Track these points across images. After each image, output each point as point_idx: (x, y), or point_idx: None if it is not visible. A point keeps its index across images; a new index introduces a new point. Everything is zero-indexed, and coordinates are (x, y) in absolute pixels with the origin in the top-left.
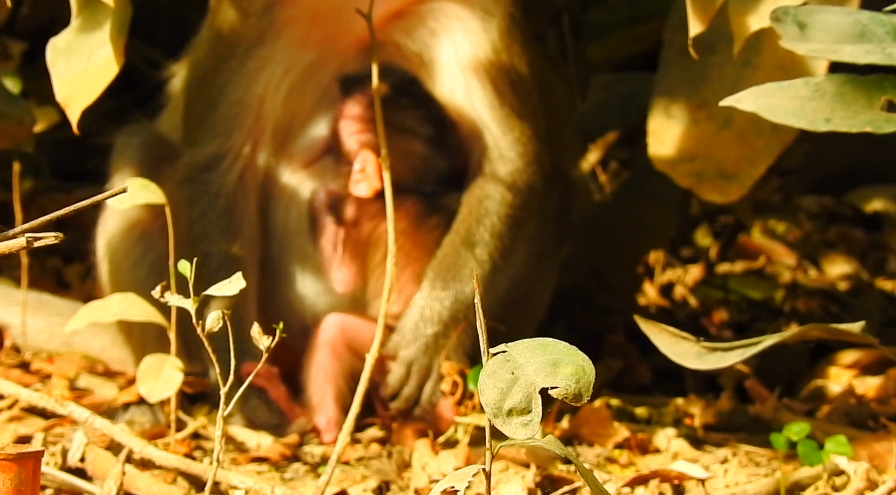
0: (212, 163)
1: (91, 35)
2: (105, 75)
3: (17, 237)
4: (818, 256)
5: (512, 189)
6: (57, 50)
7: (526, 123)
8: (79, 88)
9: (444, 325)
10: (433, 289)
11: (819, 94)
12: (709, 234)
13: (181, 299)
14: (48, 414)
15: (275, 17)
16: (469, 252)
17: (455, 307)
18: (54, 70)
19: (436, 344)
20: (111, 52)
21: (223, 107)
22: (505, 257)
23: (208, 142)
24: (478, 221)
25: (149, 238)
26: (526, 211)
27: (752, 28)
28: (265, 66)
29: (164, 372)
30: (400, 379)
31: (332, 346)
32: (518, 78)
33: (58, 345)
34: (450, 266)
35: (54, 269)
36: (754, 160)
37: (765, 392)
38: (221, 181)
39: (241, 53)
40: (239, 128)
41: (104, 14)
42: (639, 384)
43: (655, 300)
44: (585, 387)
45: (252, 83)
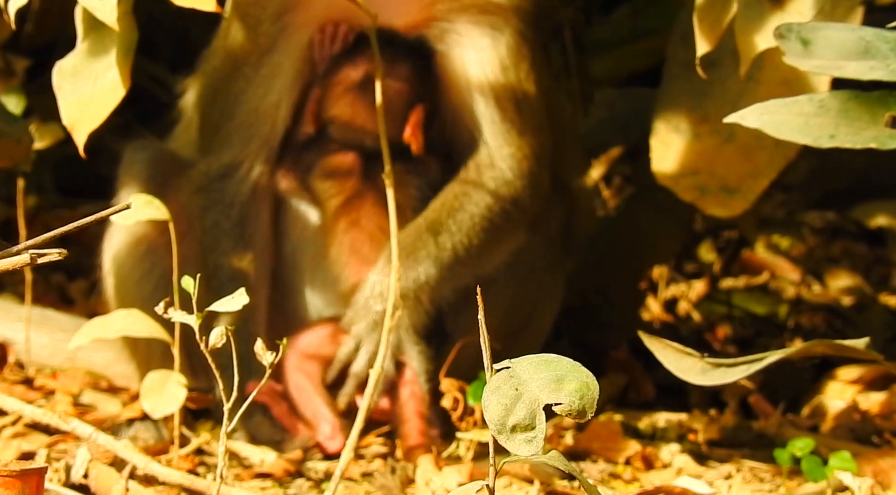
0: (227, 172)
1: (97, 58)
2: (111, 99)
3: (21, 253)
4: (822, 271)
5: (494, 195)
6: (63, 73)
7: (526, 140)
8: (85, 112)
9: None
10: (386, 266)
11: (823, 110)
12: (712, 249)
13: (185, 315)
14: (52, 430)
15: (286, 22)
16: (431, 237)
17: (405, 285)
18: (60, 93)
19: (380, 322)
20: (117, 75)
21: (239, 115)
22: (471, 253)
23: (224, 152)
24: (448, 214)
25: (155, 253)
26: (507, 221)
27: (759, 48)
28: (279, 74)
29: (167, 388)
30: (348, 354)
31: (298, 365)
32: (524, 95)
33: (62, 361)
34: (406, 246)
35: (58, 285)
36: (757, 175)
37: (769, 407)
38: (236, 190)
39: (254, 61)
40: (255, 137)
41: (110, 38)
42: (642, 399)
43: (659, 315)
44: (589, 404)
45: (267, 92)
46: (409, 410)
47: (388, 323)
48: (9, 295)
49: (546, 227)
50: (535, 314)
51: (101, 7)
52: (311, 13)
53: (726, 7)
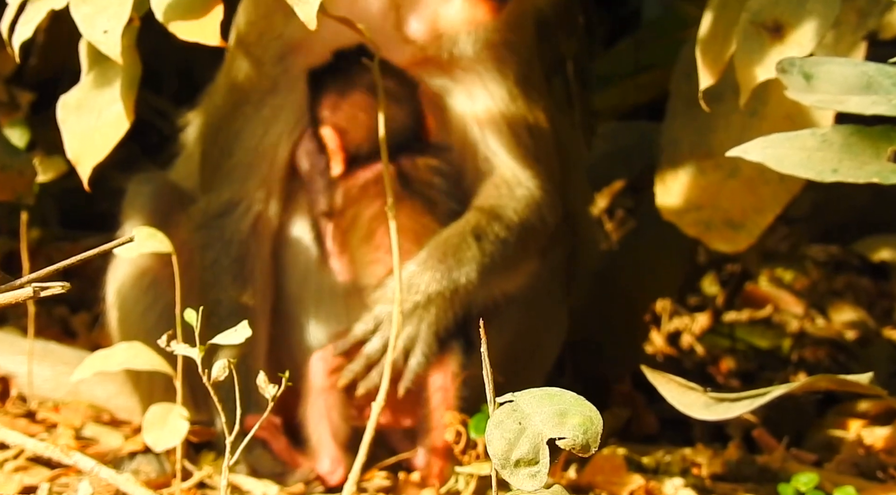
0: (226, 209)
1: (101, 92)
2: (115, 132)
3: (24, 287)
4: (825, 305)
5: (524, 211)
6: (67, 107)
7: (542, 165)
8: (89, 145)
9: (427, 297)
10: (429, 259)
11: (826, 144)
12: (716, 283)
13: (187, 348)
14: (54, 463)
15: (288, 65)
16: (475, 241)
17: (443, 284)
18: (65, 127)
19: (414, 313)
20: (121, 108)
21: (238, 154)
22: (506, 265)
23: (223, 189)
24: (488, 221)
25: (158, 286)
26: (534, 238)
27: (758, 79)
28: (279, 115)
29: (170, 421)
30: (365, 333)
31: (320, 385)
32: (535, 122)
33: (64, 394)
34: (451, 245)
35: (61, 318)
36: (762, 209)
37: (773, 441)
38: (235, 227)
39: (255, 101)
40: (253, 176)
41: (114, 71)
42: (645, 433)
43: (662, 348)
44: (593, 438)
45: (267, 131)
46: (439, 418)
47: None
48: (11, 328)
49: (552, 258)
50: (539, 347)
51: (106, 41)
52: (313, 55)
53: (728, 41)
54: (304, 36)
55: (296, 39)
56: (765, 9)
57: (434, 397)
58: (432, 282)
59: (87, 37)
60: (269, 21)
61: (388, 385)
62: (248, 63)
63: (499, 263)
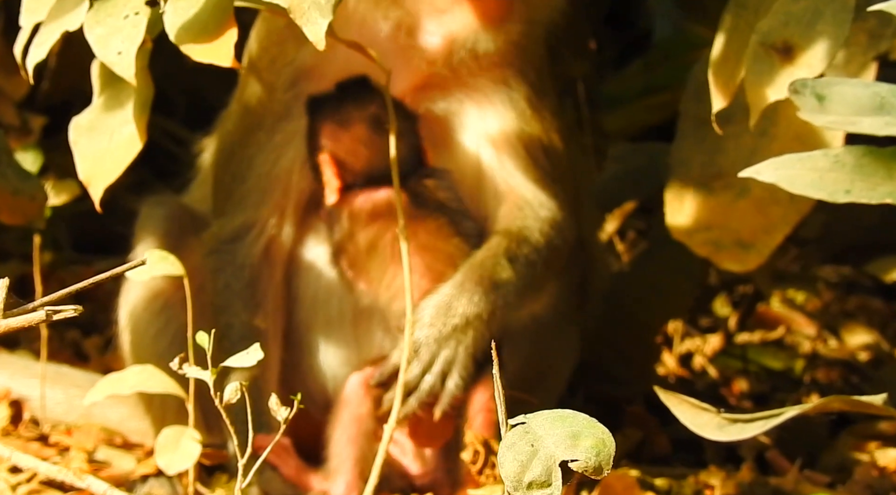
0: (238, 234)
1: (113, 113)
2: (127, 153)
3: (36, 310)
4: (838, 326)
5: (550, 230)
6: (79, 128)
7: (559, 186)
8: (101, 166)
9: (465, 320)
10: (466, 282)
11: (838, 165)
12: (728, 304)
13: (199, 371)
14: (66, 487)
15: (301, 91)
16: (509, 264)
17: (481, 306)
18: (77, 149)
19: (451, 336)
20: (134, 130)
21: (251, 179)
22: (534, 288)
23: (236, 215)
24: (517, 244)
25: (171, 309)
26: (558, 258)
27: (768, 100)
28: (292, 141)
29: (182, 444)
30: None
31: (354, 408)
32: (549, 142)
33: (76, 417)
34: (487, 268)
35: (73, 342)
36: (771, 229)
37: (786, 463)
38: (247, 253)
39: (268, 127)
40: (266, 201)
41: (126, 93)
42: (658, 454)
43: (674, 370)
44: (606, 460)
45: (279, 157)
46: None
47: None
48: (24, 351)
49: (565, 281)
50: (551, 369)
51: (120, 62)
52: (325, 81)
53: (740, 62)
54: (316, 62)
55: (308, 65)
56: (774, 30)
57: (476, 419)
58: (470, 304)
59: (101, 58)
60: (281, 48)
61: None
62: (261, 89)
63: (530, 285)
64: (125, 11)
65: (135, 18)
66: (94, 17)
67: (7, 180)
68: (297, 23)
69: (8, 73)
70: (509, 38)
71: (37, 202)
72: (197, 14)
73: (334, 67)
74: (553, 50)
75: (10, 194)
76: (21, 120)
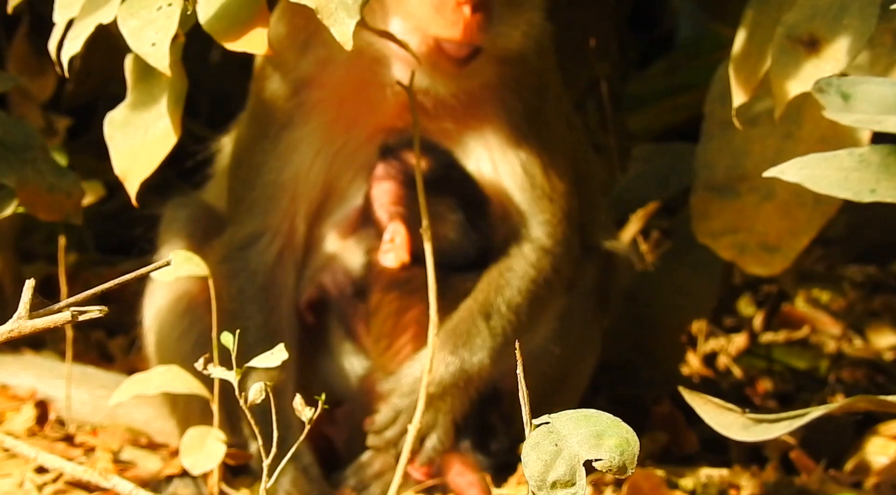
0: (250, 241)
1: (147, 109)
2: (163, 147)
3: (62, 311)
4: (863, 326)
5: (535, 266)
6: (114, 124)
7: (557, 205)
8: (136, 161)
9: (442, 388)
10: (441, 351)
11: (864, 164)
12: (752, 303)
13: (224, 371)
14: (92, 487)
15: (303, 99)
16: (484, 322)
17: (458, 375)
18: (112, 144)
19: (430, 403)
20: (168, 124)
21: (259, 188)
22: (519, 332)
23: (246, 222)
24: (496, 292)
25: (195, 311)
26: (550, 290)
27: (792, 93)
28: (297, 148)
29: (207, 444)
30: (385, 423)
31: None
32: (551, 160)
33: (102, 418)
34: (462, 333)
35: (98, 342)
36: (797, 233)
37: (811, 463)
38: (259, 258)
39: (272, 135)
40: (275, 209)
41: (160, 87)
42: (684, 454)
43: (699, 370)
44: (630, 459)
45: (285, 165)
46: None
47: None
48: (49, 352)
49: (581, 286)
50: (573, 371)
51: (154, 53)
52: (326, 90)
53: (762, 58)
54: (317, 71)
55: (308, 74)
56: (800, 23)
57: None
58: (446, 375)
59: (135, 50)
60: (282, 56)
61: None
62: (266, 97)
63: (511, 335)
64: (158, 3)
65: (168, 10)
66: (127, 10)
67: (43, 177)
68: (324, 23)
69: (33, 75)
70: (480, 81)
71: (73, 198)
72: (229, 3)
73: (335, 76)
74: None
75: (46, 191)
76: (46, 121)
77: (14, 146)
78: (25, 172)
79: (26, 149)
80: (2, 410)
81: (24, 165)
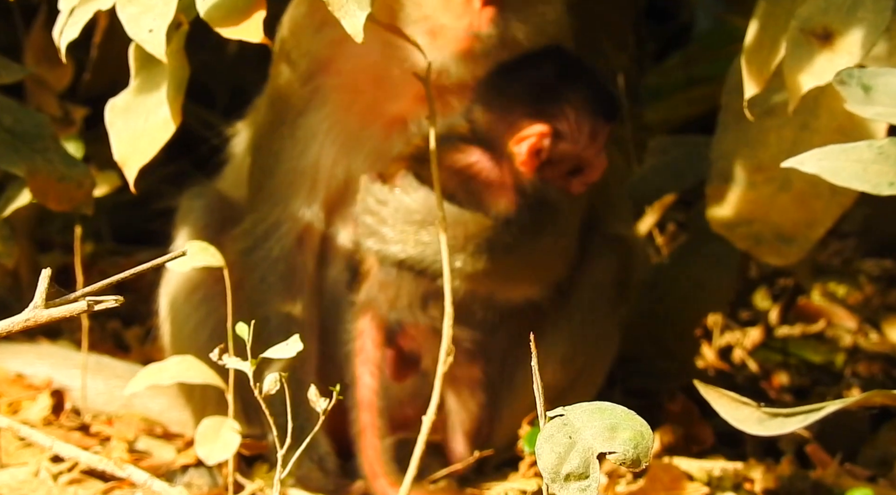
0: (270, 229)
1: (149, 95)
2: (162, 134)
3: (78, 300)
4: (879, 320)
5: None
6: (115, 110)
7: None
8: (136, 147)
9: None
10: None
11: (882, 157)
12: (768, 297)
13: (239, 361)
14: (107, 476)
15: (319, 84)
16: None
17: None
18: (112, 130)
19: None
20: (168, 111)
21: (278, 175)
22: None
23: (266, 209)
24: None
25: (211, 301)
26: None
27: (806, 86)
28: (315, 134)
29: (222, 434)
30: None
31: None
32: None
33: (117, 408)
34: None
35: (114, 332)
36: (813, 223)
37: (826, 457)
38: (280, 246)
39: (290, 121)
40: (294, 195)
41: (161, 74)
42: (700, 447)
43: (714, 363)
44: (644, 453)
45: (304, 151)
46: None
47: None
48: (65, 341)
49: (599, 278)
50: (590, 364)
51: (151, 40)
52: (343, 75)
53: (774, 50)
54: (332, 55)
55: (323, 58)
56: (814, 16)
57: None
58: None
59: (132, 36)
60: (297, 38)
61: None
62: (283, 83)
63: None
64: None
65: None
66: None
67: (53, 166)
68: (335, 15)
69: (51, 64)
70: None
71: (84, 188)
72: None
73: (351, 62)
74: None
75: (57, 181)
76: (63, 111)
77: (25, 135)
78: (36, 162)
79: (37, 139)
80: (18, 399)
81: (35, 155)
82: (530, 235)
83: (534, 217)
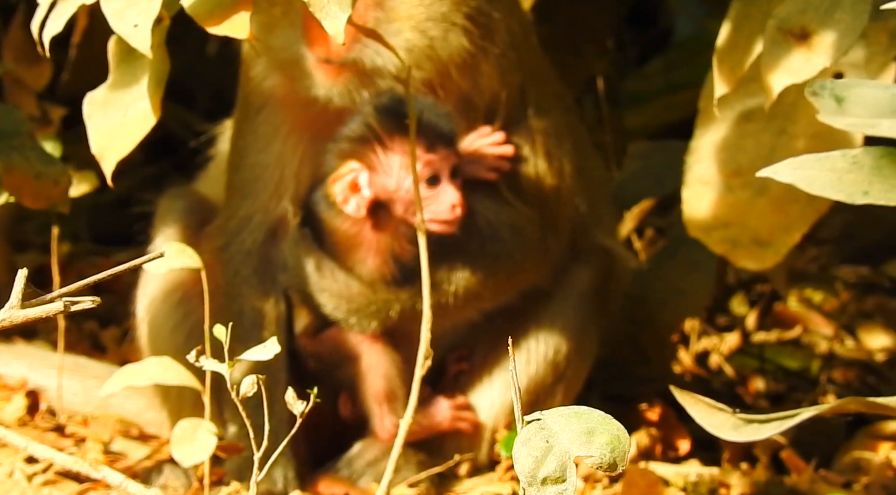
0: (242, 223)
1: (128, 89)
2: (141, 128)
3: (54, 301)
4: (855, 327)
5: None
6: (94, 103)
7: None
8: (114, 141)
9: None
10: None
11: (857, 166)
12: (745, 303)
13: (216, 364)
14: (82, 478)
15: (276, 81)
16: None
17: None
18: (90, 123)
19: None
20: (148, 105)
21: (245, 169)
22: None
23: (237, 204)
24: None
25: (189, 302)
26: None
27: (782, 85)
28: (278, 130)
29: (198, 436)
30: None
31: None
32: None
33: (94, 409)
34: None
35: (91, 333)
36: (789, 228)
37: (801, 463)
38: (253, 239)
39: (253, 117)
40: (263, 190)
41: (142, 69)
42: (676, 452)
43: (691, 368)
44: (620, 457)
45: (267, 146)
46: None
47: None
48: (41, 342)
49: (578, 288)
50: (568, 372)
51: (135, 35)
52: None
53: (748, 50)
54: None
55: (280, 60)
56: (792, 16)
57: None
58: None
59: (117, 31)
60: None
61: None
62: (246, 80)
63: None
64: None
65: None
66: None
67: (30, 163)
68: (316, 16)
69: (29, 63)
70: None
71: (60, 186)
72: None
73: (304, 59)
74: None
75: (33, 178)
76: (41, 110)
77: (1, 132)
78: (12, 158)
79: (14, 136)
80: None
81: (12, 151)
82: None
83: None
